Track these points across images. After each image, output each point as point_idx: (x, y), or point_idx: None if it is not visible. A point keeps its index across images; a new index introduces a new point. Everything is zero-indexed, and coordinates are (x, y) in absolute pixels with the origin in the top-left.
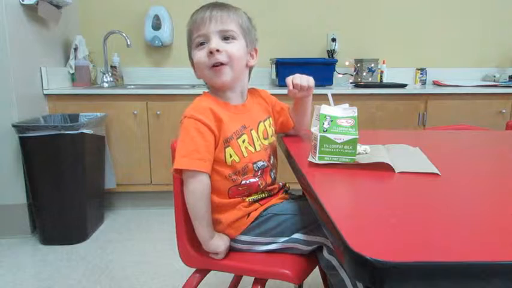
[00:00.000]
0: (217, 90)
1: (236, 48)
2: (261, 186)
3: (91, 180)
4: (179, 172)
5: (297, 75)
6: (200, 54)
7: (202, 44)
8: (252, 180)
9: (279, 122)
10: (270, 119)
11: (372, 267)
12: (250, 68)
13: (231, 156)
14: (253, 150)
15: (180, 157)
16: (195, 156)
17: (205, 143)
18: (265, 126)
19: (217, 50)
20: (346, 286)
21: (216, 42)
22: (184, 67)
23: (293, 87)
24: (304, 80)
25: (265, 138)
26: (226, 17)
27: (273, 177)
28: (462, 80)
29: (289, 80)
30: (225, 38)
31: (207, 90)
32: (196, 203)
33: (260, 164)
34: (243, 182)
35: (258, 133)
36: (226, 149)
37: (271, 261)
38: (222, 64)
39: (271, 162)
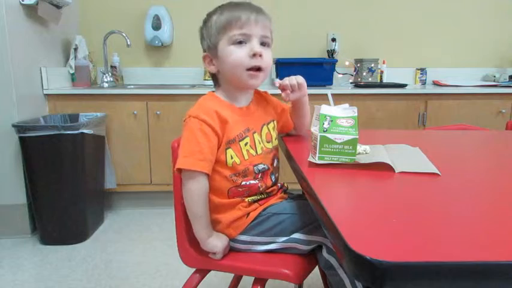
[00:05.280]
0: (232, 90)
1: (270, 56)
2: (261, 189)
3: (91, 180)
4: (181, 171)
5: (285, 78)
6: (241, 53)
7: (241, 42)
8: (252, 182)
9: (279, 124)
10: (274, 122)
11: (372, 267)
12: None
13: (232, 158)
14: (254, 153)
15: (183, 157)
16: (198, 156)
17: (208, 144)
18: (268, 129)
19: (260, 55)
20: (345, 286)
21: (258, 46)
22: (184, 67)
23: (281, 87)
24: (292, 79)
25: (268, 142)
26: (267, 23)
27: (273, 180)
28: (462, 80)
29: (276, 83)
30: (262, 44)
31: (212, 90)
32: (196, 202)
33: (261, 167)
34: (243, 183)
35: (261, 136)
36: (227, 151)
37: (271, 261)
38: (259, 69)
39: (273, 165)
